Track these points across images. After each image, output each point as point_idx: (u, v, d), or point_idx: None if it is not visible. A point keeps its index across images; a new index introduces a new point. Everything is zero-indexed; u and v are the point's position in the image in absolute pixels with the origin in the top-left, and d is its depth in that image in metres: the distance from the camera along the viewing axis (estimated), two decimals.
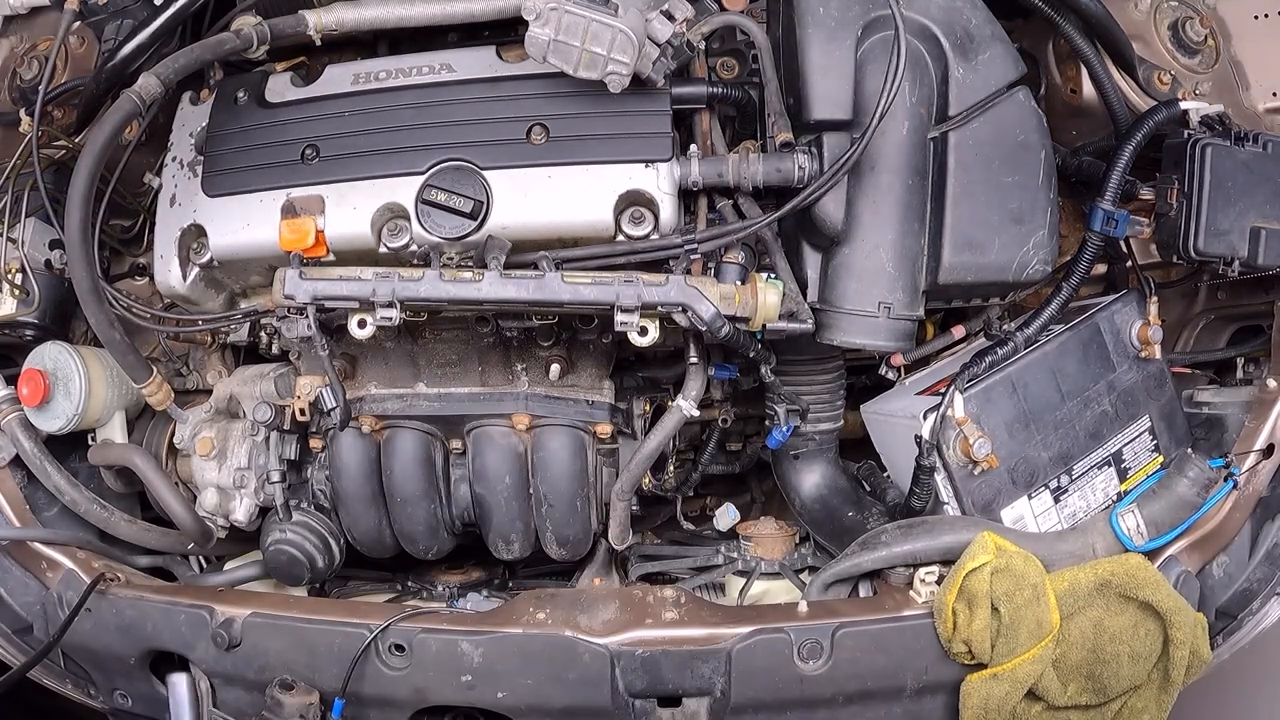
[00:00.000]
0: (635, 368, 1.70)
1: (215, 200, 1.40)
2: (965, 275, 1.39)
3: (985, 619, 1.31)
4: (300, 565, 1.54)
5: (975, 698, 1.35)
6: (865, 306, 1.37)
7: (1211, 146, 1.39)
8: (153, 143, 1.57)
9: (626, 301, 1.26)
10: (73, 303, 1.57)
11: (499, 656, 1.37)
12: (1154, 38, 1.61)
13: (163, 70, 1.32)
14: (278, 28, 1.44)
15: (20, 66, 1.66)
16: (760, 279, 1.33)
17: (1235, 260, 1.42)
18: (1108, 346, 1.53)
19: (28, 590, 1.54)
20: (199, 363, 1.75)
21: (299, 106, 1.41)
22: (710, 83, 1.41)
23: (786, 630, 1.36)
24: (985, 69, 1.36)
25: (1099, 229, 1.44)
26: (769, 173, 1.33)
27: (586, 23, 1.22)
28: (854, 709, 1.39)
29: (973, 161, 1.36)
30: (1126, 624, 1.37)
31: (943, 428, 1.43)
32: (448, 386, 1.54)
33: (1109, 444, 1.53)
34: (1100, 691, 1.39)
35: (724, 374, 1.65)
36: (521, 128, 1.35)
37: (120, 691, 1.57)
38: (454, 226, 1.32)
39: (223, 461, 1.58)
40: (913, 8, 1.35)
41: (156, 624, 1.46)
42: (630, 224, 1.34)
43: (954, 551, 1.39)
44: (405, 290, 1.26)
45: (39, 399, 1.50)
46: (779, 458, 1.74)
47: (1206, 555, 1.49)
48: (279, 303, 1.29)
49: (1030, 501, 1.49)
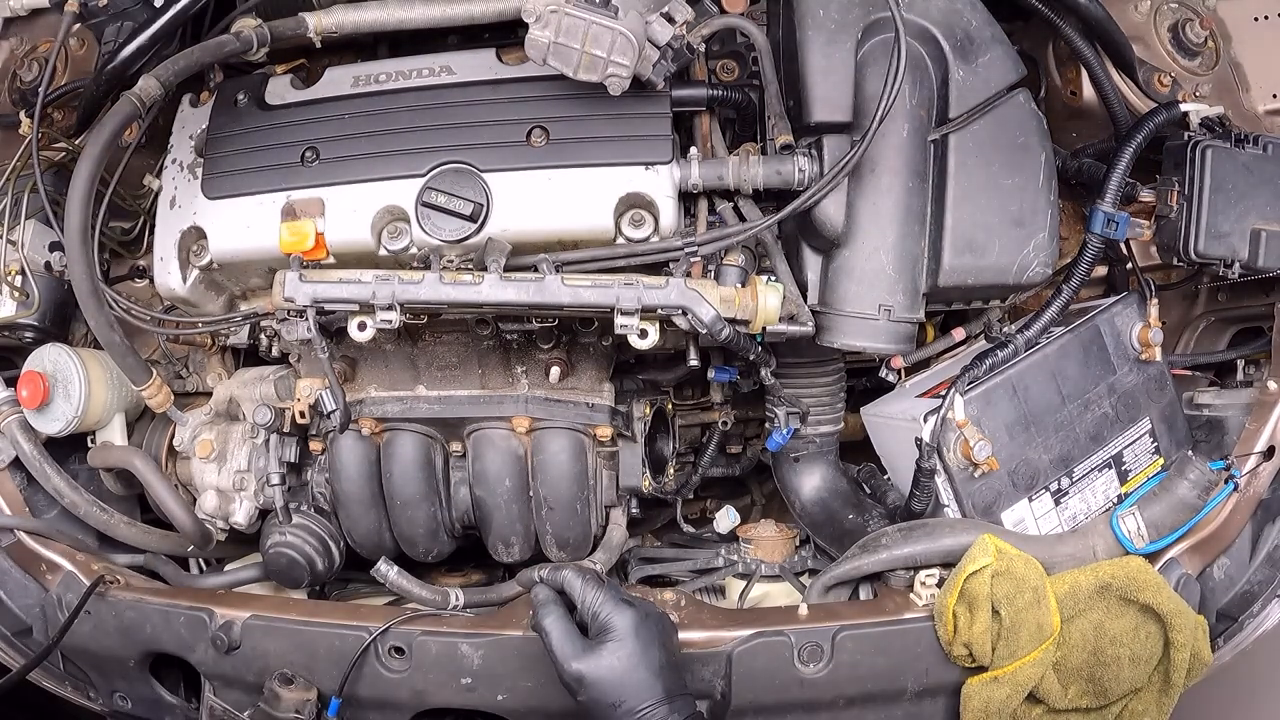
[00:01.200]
0: (635, 370, 1.70)
1: (215, 202, 1.40)
2: (966, 278, 1.39)
3: (986, 622, 1.31)
4: (300, 568, 1.54)
5: (976, 701, 1.35)
6: (865, 309, 1.36)
7: (1212, 148, 1.39)
8: (153, 145, 1.57)
9: (626, 304, 1.26)
10: (72, 305, 1.57)
11: (499, 659, 1.37)
12: (1154, 39, 1.61)
13: (162, 72, 1.32)
14: (278, 30, 1.45)
15: (20, 68, 1.66)
16: (760, 281, 1.33)
17: (1235, 262, 1.42)
18: (1108, 349, 1.53)
19: (27, 593, 1.54)
20: (199, 365, 1.74)
21: (299, 109, 1.41)
22: (710, 85, 1.41)
23: (787, 633, 1.36)
24: (985, 71, 1.36)
25: (1099, 231, 1.44)
26: (769, 175, 1.33)
27: (586, 25, 1.22)
28: (855, 712, 1.39)
29: (973, 164, 1.36)
30: (1127, 626, 1.37)
31: (943, 430, 1.43)
32: (448, 389, 1.54)
33: (1110, 446, 1.53)
34: (1101, 694, 1.39)
35: (724, 376, 1.65)
36: (521, 130, 1.35)
37: (119, 694, 1.57)
38: (454, 229, 1.32)
39: (222, 464, 1.58)
40: (913, 10, 1.35)
41: (156, 626, 1.46)
42: (630, 226, 1.33)
43: (954, 554, 1.38)
44: (405, 293, 1.26)
45: (38, 401, 1.50)
46: (779, 460, 1.74)
47: (1207, 558, 1.49)
48: (279, 305, 1.29)
49: (1031, 504, 1.49)
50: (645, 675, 1.17)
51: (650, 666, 1.18)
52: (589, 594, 1.23)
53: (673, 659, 1.23)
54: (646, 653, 1.18)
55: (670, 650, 1.23)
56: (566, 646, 1.19)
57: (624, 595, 1.25)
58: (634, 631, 1.19)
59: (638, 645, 1.18)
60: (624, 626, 1.19)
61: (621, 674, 1.17)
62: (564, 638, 1.20)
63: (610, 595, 1.23)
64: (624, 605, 1.22)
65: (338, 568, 1.62)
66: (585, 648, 1.19)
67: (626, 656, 1.18)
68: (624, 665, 1.17)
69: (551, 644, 1.20)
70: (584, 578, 1.25)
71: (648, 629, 1.21)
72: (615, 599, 1.23)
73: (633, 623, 1.20)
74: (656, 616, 1.24)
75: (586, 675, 1.17)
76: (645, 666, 1.17)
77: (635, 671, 1.17)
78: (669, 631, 1.26)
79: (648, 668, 1.17)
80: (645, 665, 1.17)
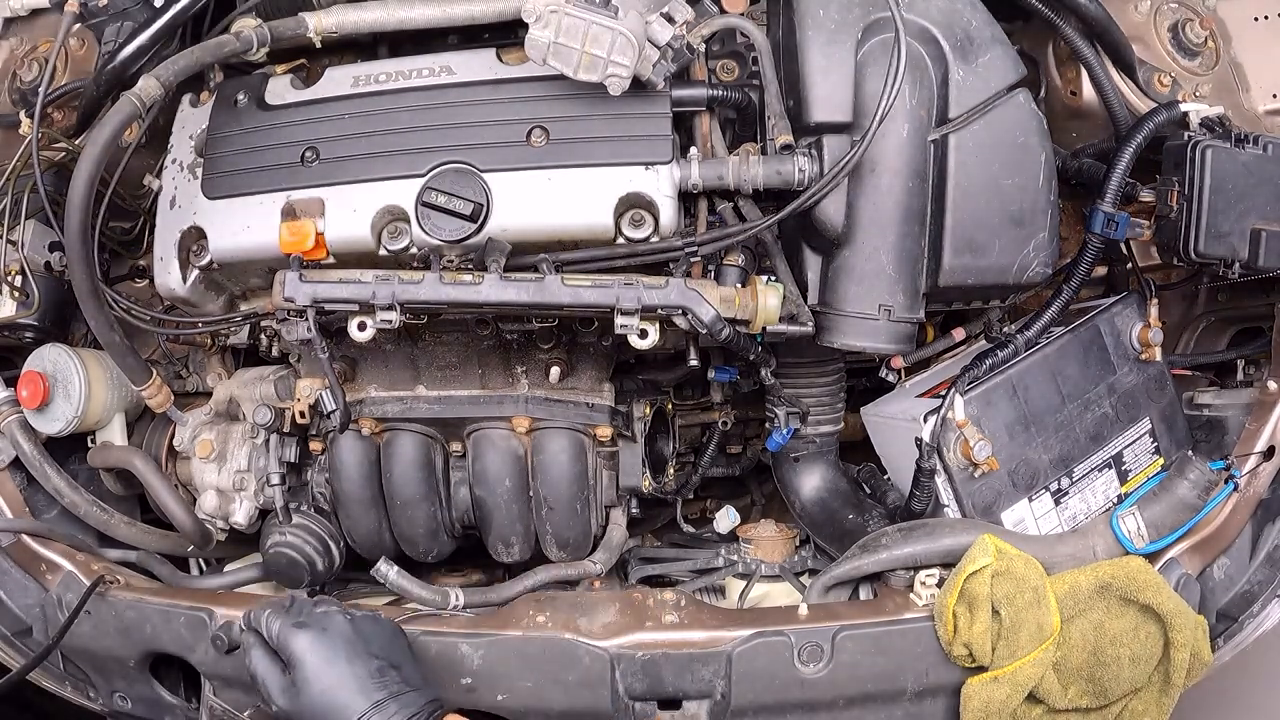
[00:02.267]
0: (635, 370, 1.70)
1: (215, 202, 1.40)
2: (966, 278, 1.39)
3: (986, 622, 1.31)
4: (300, 568, 1.54)
5: (976, 701, 1.35)
6: (866, 309, 1.36)
7: (1212, 148, 1.39)
8: (153, 145, 1.57)
9: (626, 304, 1.26)
10: (72, 305, 1.57)
11: (499, 659, 1.37)
12: (1154, 40, 1.61)
13: (162, 72, 1.32)
14: (278, 30, 1.44)
15: (20, 68, 1.66)
16: (760, 281, 1.33)
17: (1235, 262, 1.42)
18: (1108, 349, 1.53)
19: (27, 593, 1.54)
20: (199, 365, 1.74)
21: (299, 109, 1.41)
22: (710, 85, 1.41)
23: (787, 633, 1.36)
24: (985, 71, 1.36)
25: (1099, 231, 1.44)
26: (769, 175, 1.33)
27: (586, 25, 1.21)
28: (855, 712, 1.39)
29: (973, 164, 1.36)
30: (1127, 626, 1.37)
31: (943, 430, 1.43)
32: (448, 389, 1.54)
33: (1109, 446, 1.53)
34: (1101, 694, 1.39)
35: (724, 377, 1.66)
36: (521, 130, 1.35)
37: (119, 694, 1.57)
38: (454, 229, 1.32)
39: (222, 464, 1.58)
40: (913, 10, 1.34)
41: (156, 626, 1.46)
42: (630, 226, 1.33)
43: (954, 554, 1.38)
44: (405, 293, 1.26)
45: (38, 401, 1.50)
46: (779, 460, 1.74)
47: (1207, 558, 1.49)
48: (279, 305, 1.29)
49: (1031, 504, 1.49)
50: (342, 695, 1.12)
51: (343, 682, 1.13)
52: (272, 627, 1.18)
53: (380, 663, 1.16)
54: (332, 668, 1.14)
55: (374, 654, 1.18)
56: (271, 688, 1.16)
57: (300, 618, 1.19)
58: (311, 650, 1.15)
59: (321, 664, 1.14)
60: (299, 651, 1.15)
61: (317, 697, 1.12)
62: (268, 678, 1.16)
63: (285, 621, 1.18)
64: (294, 630, 1.16)
65: (338, 568, 1.62)
66: (287, 685, 1.15)
67: (314, 679, 1.13)
68: (317, 688, 1.13)
69: (263, 688, 1.17)
70: (269, 611, 1.20)
71: (328, 644, 1.16)
72: (289, 624, 1.17)
73: (308, 643, 1.15)
74: (339, 627, 1.19)
75: (293, 711, 1.13)
76: (339, 685, 1.12)
77: (330, 694, 1.12)
78: (369, 637, 1.20)
79: (341, 685, 1.12)
80: (338, 683, 1.13)
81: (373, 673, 1.15)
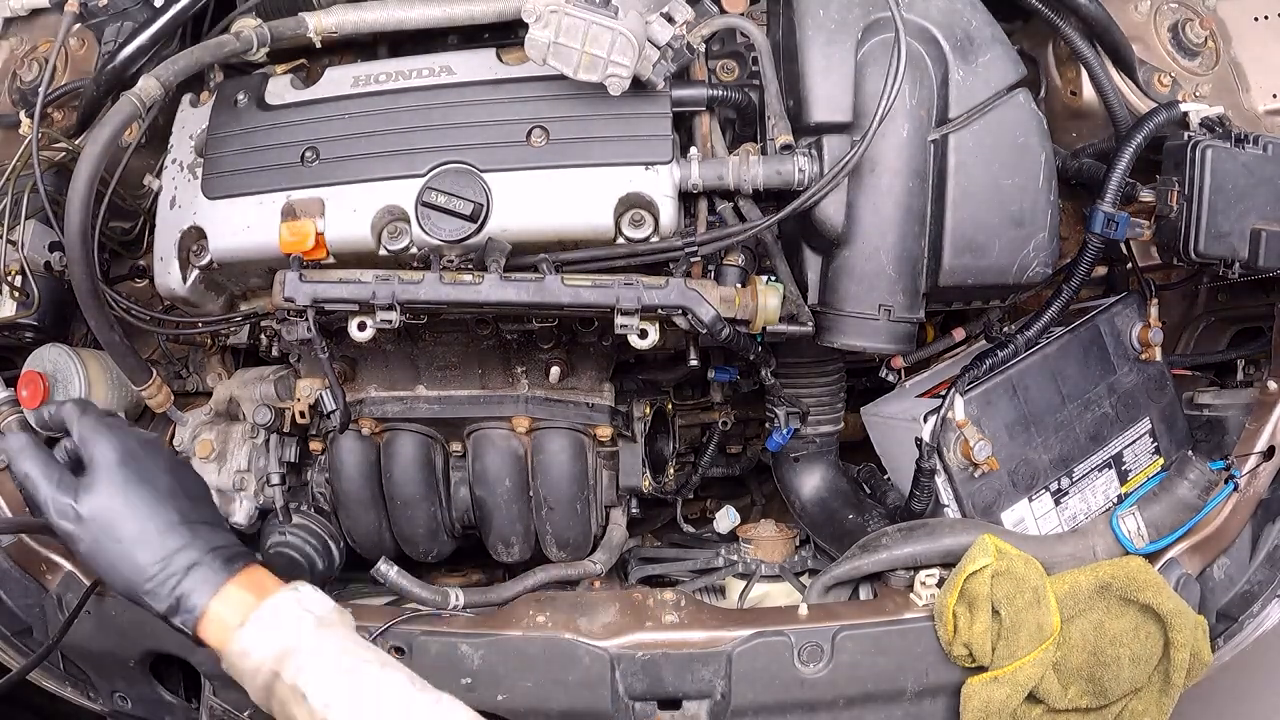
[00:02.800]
0: (635, 370, 1.69)
1: (215, 202, 1.40)
2: (966, 278, 1.39)
3: (986, 622, 1.31)
4: (300, 568, 1.54)
5: (976, 701, 1.35)
6: (865, 309, 1.36)
7: (1212, 148, 1.39)
8: (153, 145, 1.57)
9: (626, 304, 1.26)
10: (72, 305, 1.57)
11: (499, 659, 1.37)
12: (1154, 40, 1.61)
13: (162, 72, 1.32)
14: (278, 30, 1.44)
15: (20, 68, 1.66)
16: (760, 281, 1.33)
17: (1235, 262, 1.42)
18: (1108, 349, 1.53)
19: (27, 592, 1.54)
20: (198, 365, 1.74)
21: (299, 109, 1.41)
22: (710, 85, 1.41)
23: (787, 633, 1.36)
24: (985, 71, 1.36)
25: (1099, 231, 1.44)
26: (769, 175, 1.33)
27: (586, 25, 1.21)
28: (855, 712, 1.39)
29: (973, 164, 1.36)
30: (1127, 626, 1.37)
31: (943, 430, 1.43)
32: (448, 389, 1.54)
33: (1109, 446, 1.53)
34: (1101, 694, 1.39)
35: (724, 377, 1.65)
36: (521, 130, 1.35)
37: (119, 694, 1.57)
38: (454, 229, 1.32)
39: (222, 464, 1.58)
40: (913, 10, 1.34)
41: (156, 626, 1.45)
42: (630, 226, 1.33)
43: (954, 554, 1.39)
44: (405, 293, 1.26)
45: (38, 401, 1.50)
46: (779, 460, 1.74)
47: (1207, 558, 1.49)
48: (279, 305, 1.29)
49: (1031, 504, 1.49)
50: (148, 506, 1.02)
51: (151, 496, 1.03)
52: (74, 425, 1.07)
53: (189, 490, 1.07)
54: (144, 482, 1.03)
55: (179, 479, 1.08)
56: (49, 487, 1.03)
57: (111, 421, 1.08)
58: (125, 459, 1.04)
59: (130, 472, 1.03)
60: (105, 455, 1.04)
61: (119, 506, 1.02)
62: (45, 478, 1.04)
63: (93, 421, 1.07)
64: (105, 431, 1.05)
65: (338, 568, 1.62)
66: (73, 485, 1.03)
67: (120, 485, 1.02)
68: (119, 496, 1.02)
69: (36, 488, 1.04)
70: (82, 411, 1.09)
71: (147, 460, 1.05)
72: (96, 424, 1.06)
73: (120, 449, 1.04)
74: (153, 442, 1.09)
75: (81, 512, 1.02)
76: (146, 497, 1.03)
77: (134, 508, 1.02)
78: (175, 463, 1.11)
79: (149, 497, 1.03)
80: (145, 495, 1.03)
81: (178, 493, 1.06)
